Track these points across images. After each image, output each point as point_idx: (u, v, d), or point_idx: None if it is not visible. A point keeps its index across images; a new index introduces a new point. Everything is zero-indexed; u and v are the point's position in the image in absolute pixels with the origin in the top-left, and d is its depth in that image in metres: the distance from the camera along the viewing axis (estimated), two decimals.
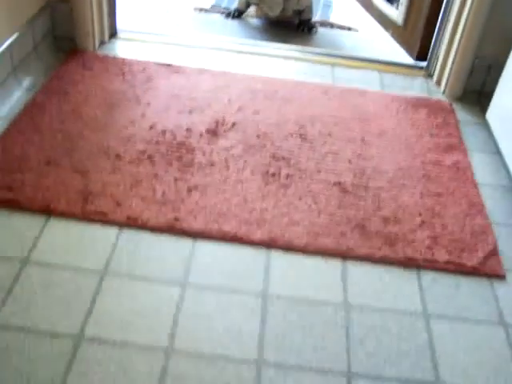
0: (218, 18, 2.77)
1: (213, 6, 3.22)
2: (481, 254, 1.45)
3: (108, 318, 1.20)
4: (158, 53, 2.17)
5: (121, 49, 2.18)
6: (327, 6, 3.28)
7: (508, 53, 1.81)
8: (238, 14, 2.67)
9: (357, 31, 2.77)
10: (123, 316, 1.21)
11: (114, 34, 2.26)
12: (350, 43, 2.61)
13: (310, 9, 2.63)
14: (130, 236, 1.39)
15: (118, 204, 1.45)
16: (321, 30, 2.71)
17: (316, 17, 3.00)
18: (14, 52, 1.83)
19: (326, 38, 2.63)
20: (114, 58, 2.09)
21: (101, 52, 2.14)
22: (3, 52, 1.76)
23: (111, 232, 1.40)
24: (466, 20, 1.98)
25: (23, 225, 1.40)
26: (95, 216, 1.43)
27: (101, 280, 1.28)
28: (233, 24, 2.65)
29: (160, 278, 1.30)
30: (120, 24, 2.27)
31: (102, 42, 2.19)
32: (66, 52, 2.09)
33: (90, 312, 1.21)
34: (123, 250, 1.35)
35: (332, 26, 2.79)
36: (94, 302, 1.23)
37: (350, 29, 2.78)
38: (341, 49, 2.53)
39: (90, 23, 2.08)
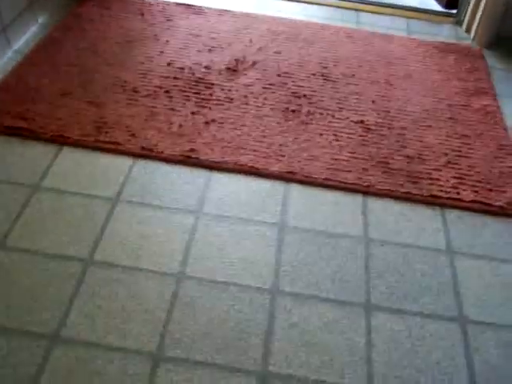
0: None
1: None
2: (509, 195, 1.38)
3: (118, 244, 1.16)
4: None
5: None
6: None
7: None
8: None
9: None
10: (134, 242, 1.17)
11: None
12: None
13: None
14: (144, 166, 1.35)
15: (133, 135, 1.41)
16: None
17: None
18: None
19: None
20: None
21: None
22: None
23: (125, 162, 1.36)
24: None
25: (36, 153, 1.36)
26: (109, 146, 1.38)
27: (112, 207, 1.24)
28: None
29: (173, 207, 1.26)
30: None
31: None
32: None
33: (100, 237, 1.17)
34: (137, 179, 1.31)
35: None
36: (104, 227, 1.19)
37: None
38: None
39: None
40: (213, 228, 1.22)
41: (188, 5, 2.02)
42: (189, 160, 1.36)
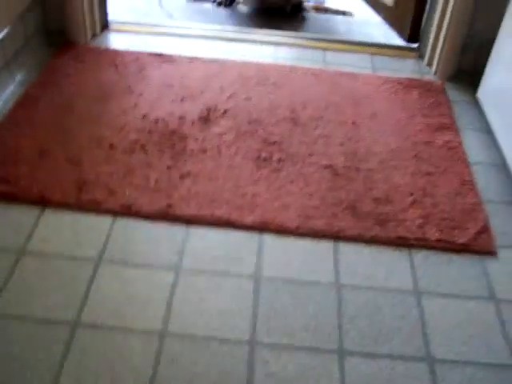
0: (210, 7, 2.77)
1: None
2: (472, 231, 1.46)
3: (103, 304, 1.22)
4: (150, 43, 2.19)
5: (113, 40, 2.20)
6: None
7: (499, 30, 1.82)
8: (229, 2, 2.67)
9: (352, 15, 2.77)
10: (118, 302, 1.23)
11: (105, 26, 2.27)
12: (343, 28, 2.61)
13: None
14: (124, 224, 1.41)
15: (112, 193, 1.47)
16: (314, 15, 2.71)
17: (311, 1, 3.01)
18: (6, 46, 1.85)
19: (318, 23, 2.64)
20: (106, 50, 2.11)
21: (93, 44, 2.15)
22: None
23: (105, 220, 1.42)
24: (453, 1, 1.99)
25: (19, 216, 1.42)
26: (90, 205, 1.45)
27: (96, 267, 1.30)
28: (224, 13, 2.65)
29: (154, 264, 1.32)
30: (111, 15, 2.28)
31: (94, 35, 2.20)
32: (58, 45, 2.11)
33: (85, 299, 1.23)
34: (117, 237, 1.37)
35: (326, 10, 2.79)
36: (89, 288, 1.25)
37: (344, 13, 2.78)
38: (333, 34, 2.53)
39: (82, 16, 2.10)
40: (192, 283, 1.28)
41: (159, 54, 2.10)
42: (166, 216, 1.43)
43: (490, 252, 1.43)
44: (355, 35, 2.50)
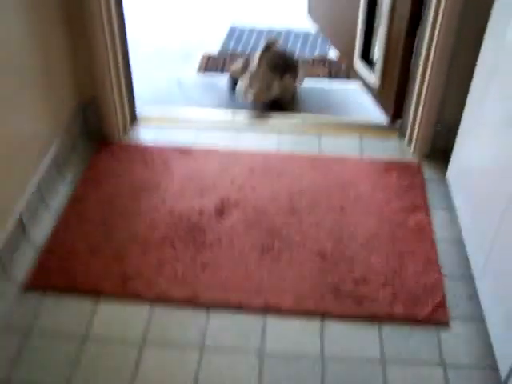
0: (222, 82, 3.20)
1: (220, 53, 3.70)
2: (430, 306, 1.87)
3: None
4: (172, 135, 2.62)
5: (141, 134, 2.64)
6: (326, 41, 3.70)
7: None
8: (233, 87, 3.03)
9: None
10: (160, 378, 1.66)
11: (134, 119, 2.71)
12: (338, 99, 3.03)
13: (290, 93, 2.99)
14: (159, 311, 1.84)
15: (149, 285, 1.91)
16: (310, 86, 3.13)
17: (316, 52, 3.45)
18: (58, 153, 2.29)
19: (314, 98, 3.05)
20: (136, 146, 2.55)
21: (125, 140, 2.59)
22: (50, 154, 2.23)
23: (144, 308, 1.85)
24: (428, 87, 2.36)
25: (77, 305, 1.85)
26: (132, 295, 1.88)
27: (140, 349, 1.73)
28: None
29: (183, 344, 1.75)
30: (138, 108, 2.72)
31: (125, 130, 2.64)
32: (96, 142, 2.55)
33: (134, 379, 1.66)
34: (155, 323, 1.81)
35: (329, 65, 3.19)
36: (136, 372, 1.68)
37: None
38: (329, 107, 2.95)
39: (115, 117, 2.54)
40: (212, 361, 1.71)
41: (180, 148, 2.53)
42: (191, 303, 1.86)
43: (443, 323, 1.83)
44: (349, 106, 2.93)
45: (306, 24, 3.84)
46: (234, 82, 2.98)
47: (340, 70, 3.40)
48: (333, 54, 3.56)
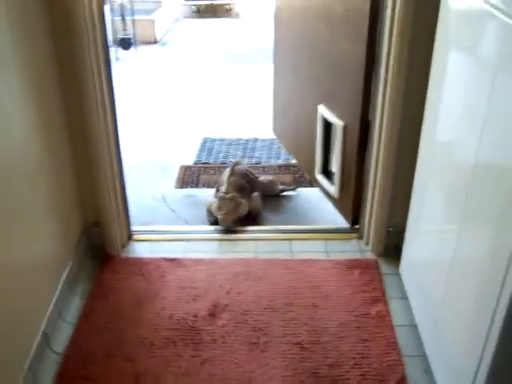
0: (201, 197, 3.66)
1: (196, 162, 4.18)
2: (393, 382, 2.27)
3: None
4: (165, 248, 3.04)
5: (137, 249, 3.05)
6: None
7: None
8: (214, 222, 3.34)
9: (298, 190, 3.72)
10: None
11: (130, 236, 3.13)
12: (306, 206, 3.52)
13: (258, 210, 3.44)
14: None
15: (158, 381, 2.27)
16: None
17: (280, 159, 3.98)
18: (70, 272, 2.69)
19: (287, 209, 3.53)
20: (134, 259, 2.96)
21: (124, 254, 3.00)
22: (65, 274, 2.62)
23: None
24: (378, 196, 2.83)
25: None
26: None
27: None
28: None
29: None
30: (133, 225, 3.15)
31: (123, 246, 3.05)
32: (99, 259, 2.95)
33: None
34: None
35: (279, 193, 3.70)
36: None
37: (293, 189, 3.72)
38: (300, 215, 3.43)
39: (114, 236, 2.96)
40: None
41: (173, 259, 2.95)
42: None
43: None
44: (315, 211, 3.41)
45: (271, 133, 4.36)
46: (212, 216, 3.37)
47: (304, 177, 3.89)
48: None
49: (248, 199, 3.36)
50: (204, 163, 4.37)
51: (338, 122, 3.05)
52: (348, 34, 2.85)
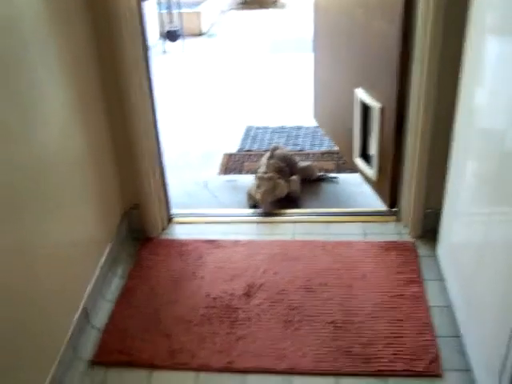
0: (242, 182, 3.70)
1: (239, 150, 4.22)
2: (426, 361, 2.26)
3: None
4: (203, 230, 3.09)
5: (177, 231, 3.11)
6: None
7: None
8: (254, 205, 3.40)
9: (338, 181, 3.71)
10: None
11: (170, 219, 3.19)
12: (347, 191, 3.53)
13: (296, 193, 3.47)
14: (203, 378, 2.26)
15: (193, 356, 2.33)
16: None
17: (323, 147, 3.98)
18: (110, 253, 2.77)
19: (326, 194, 3.55)
20: (173, 241, 3.02)
21: (163, 237, 3.07)
22: (105, 255, 2.70)
23: (190, 376, 2.27)
24: (416, 179, 2.84)
25: (135, 376, 2.27)
26: (179, 366, 2.30)
27: None
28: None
29: None
30: (173, 202, 3.21)
31: (163, 228, 3.12)
32: (139, 240, 3.03)
33: None
34: None
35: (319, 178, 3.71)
36: None
37: (333, 178, 3.73)
38: (339, 199, 3.44)
39: (154, 219, 3.03)
40: None
41: (211, 240, 3.00)
42: (229, 369, 2.27)
43: (438, 375, 2.22)
44: (354, 195, 3.41)
45: (313, 121, 4.37)
46: (252, 200, 3.42)
47: (346, 163, 3.90)
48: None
49: (287, 181, 3.38)
50: (247, 151, 4.40)
51: (375, 105, 3.04)
52: (384, 16, 2.84)
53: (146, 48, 2.73)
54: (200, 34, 7.70)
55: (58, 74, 2.25)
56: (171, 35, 7.16)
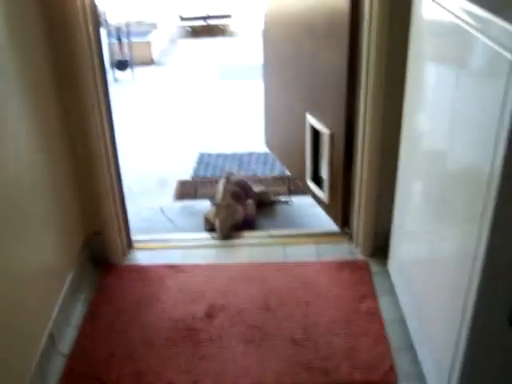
0: (198, 207, 3.80)
1: (193, 177, 4.32)
2: (382, 371, 2.39)
3: None
4: (164, 256, 3.18)
5: (138, 257, 3.19)
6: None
7: None
8: (211, 229, 3.48)
9: (292, 203, 3.85)
10: None
11: (131, 245, 3.27)
12: (299, 212, 3.67)
13: (252, 216, 3.57)
14: None
15: (159, 377, 2.40)
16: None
17: (275, 171, 4.15)
18: (74, 279, 2.82)
19: (280, 216, 3.68)
20: (135, 267, 3.10)
21: (125, 263, 3.14)
22: (68, 281, 2.76)
23: None
24: (365, 200, 2.98)
25: None
26: None
27: None
28: None
29: None
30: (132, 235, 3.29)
31: (124, 254, 3.19)
32: (101, 267, 3.09)
33: None
34: None
35: (272, 202, 3.85)
36: None
37: (287, 202, 3.86)
38: (293, 221, 3.58)
39: (116, 245, 3.10)
40: None
41: (171, 265, 3.08)
42: None
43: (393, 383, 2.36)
44: (307, 217, 3.55)
45: (265, 147, 4.50)
46: (208, 225, 3.51)
47: (298, 187, 4.04)
48: None
49: (243, 205, 3.50)
50: (201, 177, 4.50)
51: (324, 131, 3.19)
52: (330, 46, 3.00)
53: (104, 72, 2.81)
54: (151, 63, 7.80)
55: (16, 98, 2.31)
56: (121, 65, 7.24)
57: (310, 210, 3.67)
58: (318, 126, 3.26)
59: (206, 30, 9.42)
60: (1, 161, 2.14)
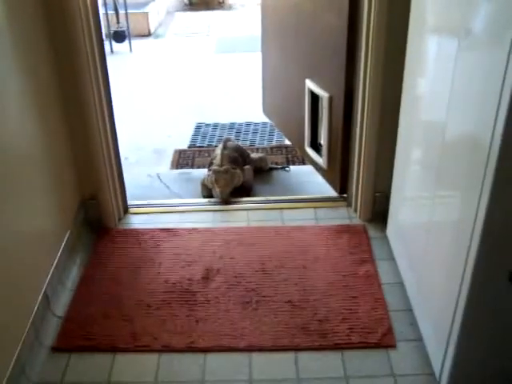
0: (196, 174, 3.76)
1: (190, 146, 4.27)
2: (380, 334, 2.37)
3: None
4: (160, 220, 3.14)
5: (133, 221, 3.15)
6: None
7: None
8: (207, 195, 3.45)
9: (289, 170, 3.81)
10: None
11: (126, 209, 3.23)
12: (296, 180, 3.63)
13: (250, 182, 3.54)
14: (166, 358, 2.30)
15: (155, 338, 2.37)
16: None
17: (273, 141, 4.07)
18: (68, 241, 2.78)
19: (278, 183, 3.64)
20: (130, 231, 3.06)
21: (120, 227, 3.10)
22: (63, 243, 2.72)
23: (153, 357, 2.31)
24: (364, 164, 2.94)
25: (99, 361, 2.30)
26: (142, 348, 2.35)
27: None
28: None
29: (186, 382, 2.21)
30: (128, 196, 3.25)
31: (120, 219, 3.15)
32: (96, 230, 3.05)
33: None
34: (163, 368, 2.26)
35: (271, 168, 3.80)
36: None
37: (284, 168, 3.82)
38: (291, 188, 3.53)
39: (111, 209, 3.06)
40: None
41: (167, 229, 3.04)
42: (191, 349, 2.33)
43: (391, 346, 2.33)
44: (305, 184, 3.51)
45: (263, 117, 4.45)
46: (206, 191, 3.48)
47: (296, 156, 3.99)
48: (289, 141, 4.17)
49: (242, 170, 3.46)
50: (198, 147, 4.45)
51: (324, 94, 3.14)
52: (331, 8, 2.94)
53: (101, 43, 2.76)
54: (148, 35, 7.71)
55: (14, 65, 2.26)
56: (118, 36, 7.15)
57: (307, 177, 3.63)
58: (317, 90, 3.20)
59: (203, 2, 9.32)
60: None
